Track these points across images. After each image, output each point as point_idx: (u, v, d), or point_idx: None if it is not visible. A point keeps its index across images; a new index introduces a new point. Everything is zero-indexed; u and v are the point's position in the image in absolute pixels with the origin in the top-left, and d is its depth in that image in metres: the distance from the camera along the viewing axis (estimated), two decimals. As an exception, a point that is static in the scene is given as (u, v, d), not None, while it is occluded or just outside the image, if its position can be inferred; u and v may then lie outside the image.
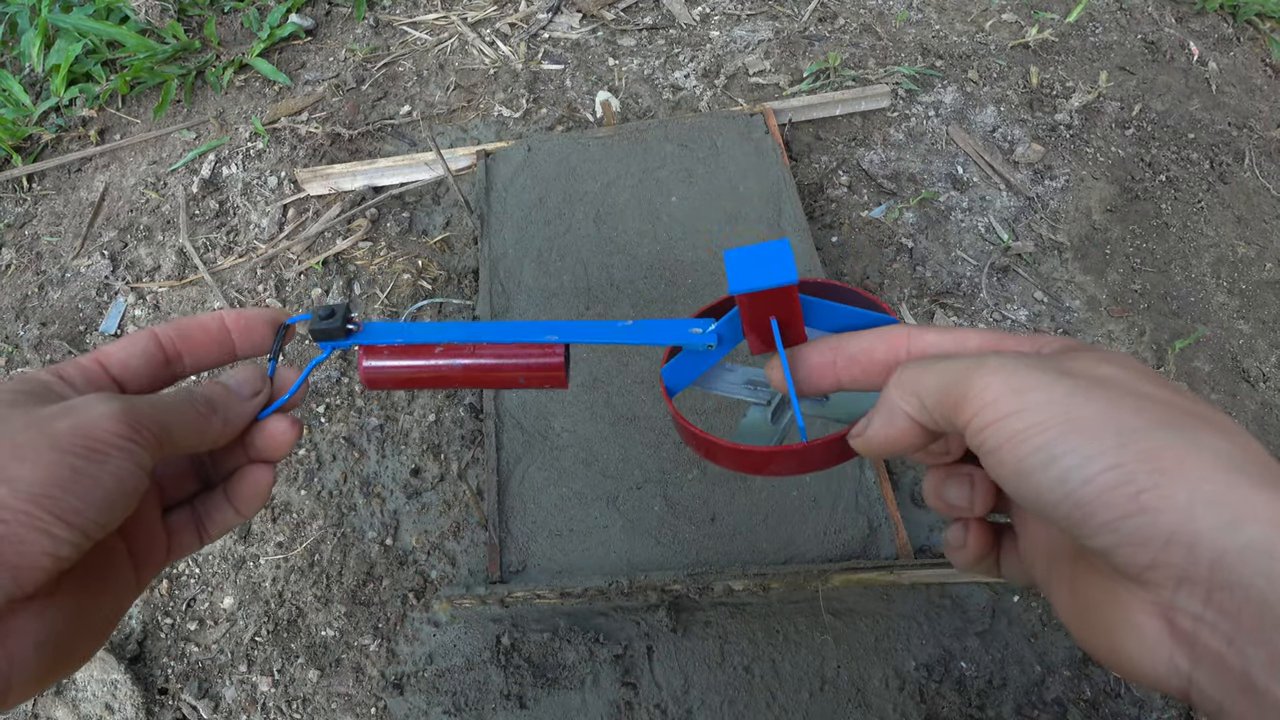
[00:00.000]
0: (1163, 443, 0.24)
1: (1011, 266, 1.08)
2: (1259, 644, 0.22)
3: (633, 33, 1.35)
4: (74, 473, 0.28)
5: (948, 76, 1.27)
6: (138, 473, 0.30)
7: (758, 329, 0.37)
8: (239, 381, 0.37)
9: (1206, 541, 0.23)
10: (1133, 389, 0.26)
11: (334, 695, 0.81)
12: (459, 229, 1.12)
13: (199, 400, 0.34)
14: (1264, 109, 1.26)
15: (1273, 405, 0.98)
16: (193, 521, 0.38)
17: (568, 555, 0.81)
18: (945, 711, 0.77)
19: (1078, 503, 0.25)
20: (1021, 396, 0.26)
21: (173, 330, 0.37)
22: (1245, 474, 0.24)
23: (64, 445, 0.28)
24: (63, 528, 0.27)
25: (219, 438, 0.35)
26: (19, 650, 0.28)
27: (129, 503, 0.29)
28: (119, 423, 0.29)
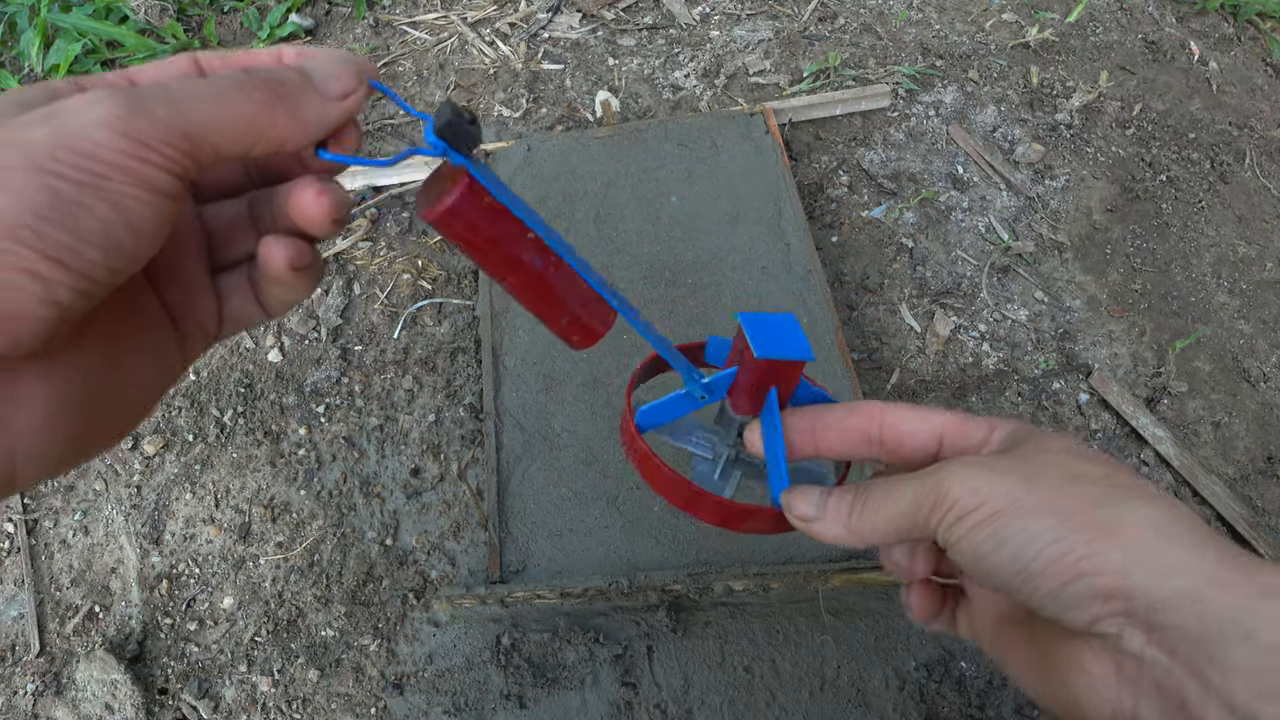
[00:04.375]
0: (1098, 517, 0.28)
1: (1012, 266, 1.08)
2: (1193, 675, 0.26)
3: (633, 32, 1.35)
4: (54, 198, 0.21)
5: (948, 76, 1.26)
6: (156, 201, 0.22)
7: (755, 393, 0.38)
8: (325, 70, 0.26)
9: (1141, 594, 0.27)
10: (1071, 472, 0.30)
11: (334, 695, 0.81)
12: (459, 229, 1.12)
13: (256, 84, 0.24)
14: (1265, 109, 1.26)
15: (1273, 405, 0.98)
16: (248, 285, 0.30)
17: (568, 555, 0.81)
18: (945, 711, 0.77)
19: (1028, 575, 0.29)
20: (979, 493, 0.30)
21: (216, 59, 0.28)
22: (1171, 536, 0.28)
23: (40, 161, 0.21)
24: (52, 267, 0.21)
25: (283, 141, 0.25)
26: (28, 421, 0.23)
27: (146, 240, 0.23)
28: (115, 131, 0.21)
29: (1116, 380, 0.98)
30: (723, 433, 0.44)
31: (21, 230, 0.20)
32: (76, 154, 0.21)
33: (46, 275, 0.21)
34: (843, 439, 0.37)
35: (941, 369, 0.99)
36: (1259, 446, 0.95)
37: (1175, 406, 0.98)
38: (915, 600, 0.39)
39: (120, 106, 0.22)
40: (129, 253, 0.22)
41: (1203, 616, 0.26)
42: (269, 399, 0.98)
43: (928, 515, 0.31)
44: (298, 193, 0.27)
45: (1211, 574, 0.27)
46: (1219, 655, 0.25)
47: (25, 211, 0.21)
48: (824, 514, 0.35)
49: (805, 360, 0.37)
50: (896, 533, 0.33)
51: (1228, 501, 0.90)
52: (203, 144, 0.23)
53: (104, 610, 0.87)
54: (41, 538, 0.92)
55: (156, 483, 0.94)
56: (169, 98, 0.22)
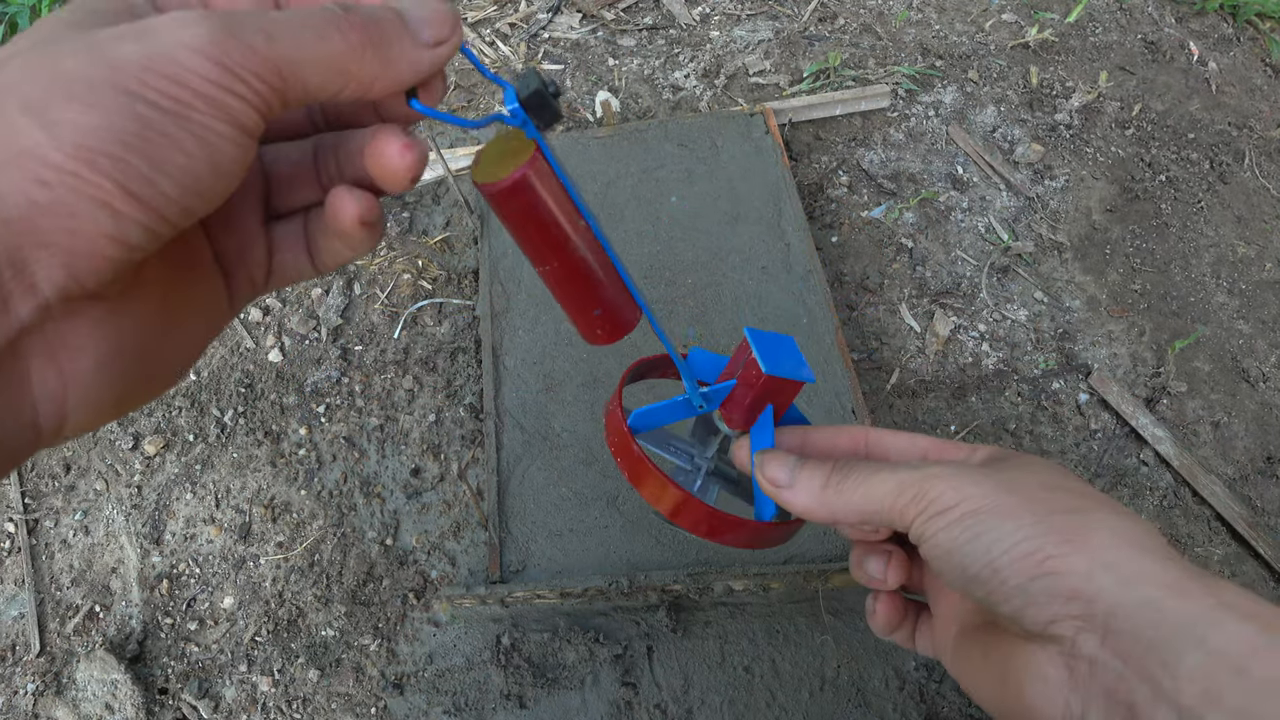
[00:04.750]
0: (1070, 522, 0.29)
1: (1011, 266, 1.08)
2: (1144, 680, 0.26)
3: (633, 33, 1.35)
4: (142, 125, 0.19)
5: (948, 76, 1.27)
6: (239, 138, 0.21)
7: (751, 409, 0.39)
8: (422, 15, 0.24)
9: (1103, 598, 0.28)
10: (1048, 484, 0.32)
11: (334, 695, 0.81)
12: (459, 229, 1.12)
13: (351, 22, 0.22)
14: (1264, 109, 1.26)
15: (1273, 405, 0.98)
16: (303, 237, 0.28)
17: (568, 555, 0.81)
18: (945, 711, 0.77)
19: (996, 569, 0.29)
20: (960, 491, 0.31)
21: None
22: (1137, 546, 0.28)
23: (129, 83, 0.19)
24: (128, 202, 0.19)
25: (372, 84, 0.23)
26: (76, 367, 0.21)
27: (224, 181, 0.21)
28: (209, 57, 0.19)
29: (1116, 380, 0.98)
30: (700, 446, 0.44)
31: (102, 158, 0.18)
32: (167, 79, 0.19)
33: (121, 210, 0.19)
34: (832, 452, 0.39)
35: (941, 369, 0.99)
36: (1258, 446, 0.95)
37: (1175, 406, 0.98)
38: (881, 610, 0.39)
39: (216, 31, 0.20)
40: (206, 192, 0.21)
41: (1159, 624, 0.26)
42: (269, 399, 0.98)
43: (906, 505, 0.32)
44: (381, 143, 0.25)
45: (1173, 583, 0.27)
46: (1172, 661, 0.26)
47: (110, 136, 0.19)
48: (796, 481, 0.36)
49: (807, 382, 0.38)
50: (870, 515, 0.34)
51: (1227, 501, 0.90)
52: (293, 80, 0.21)
53: (104, 610, 0.87)
54: (42, 537, 0.92)
55: (157, 483, 0.94)
56: (264, 27, 0.21)
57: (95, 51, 0.19)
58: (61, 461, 0.96)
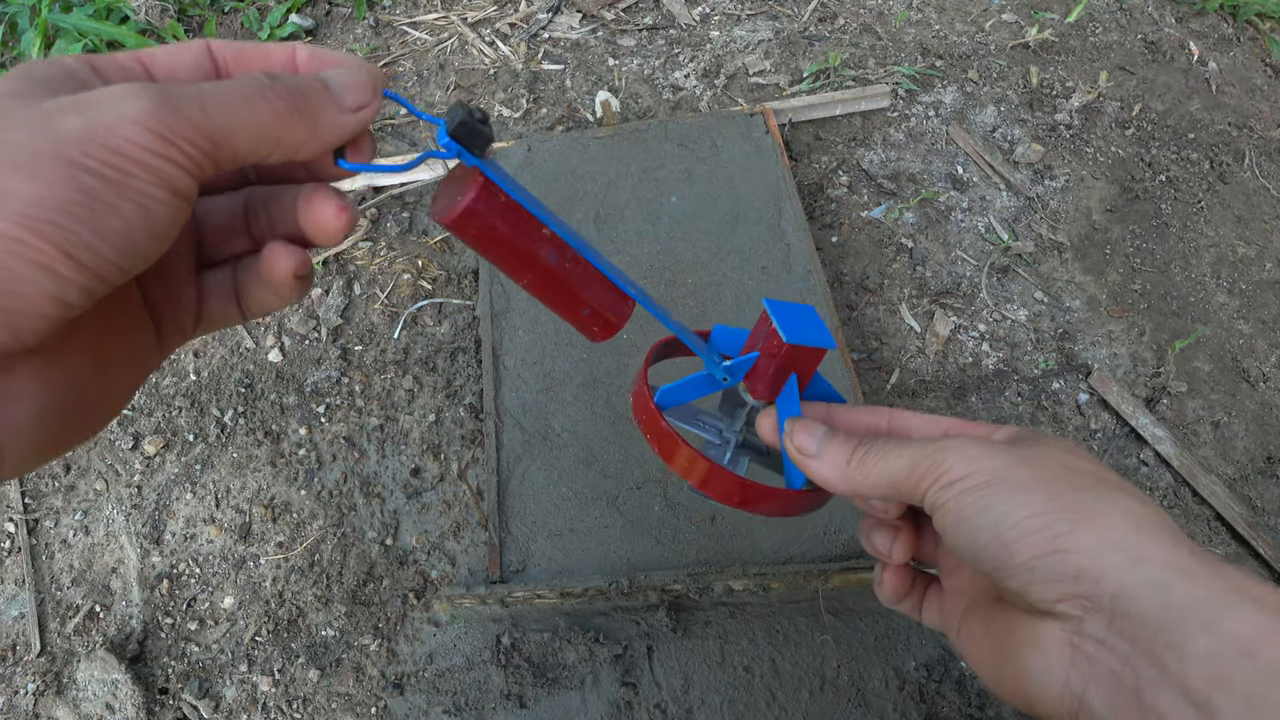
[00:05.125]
0: (1081, 500, 0.29)
1: (1011, 266, 1.08)
2: (1151, 662, 0.26)
3: (633, 33, 1.35)
4: (83, 194, 0.20)
5: (948, 76, 1.27)
6: (173, 202, 0.22)
7: (775, 379, 0.39)
8: (343, 82, 0.26)
9: (1110, 578, 0.27)
10: (1064, 463, 0.31)
11: (334, 695, 0.81)
12: (459, 229, 1.12)
13: (277, 91, 0.24)
14: (1264, 109, 1.26)
15: (1273, 405, 0.98)
16: (231, 286, 0.30)
17: (568, 555, 0.81)
18: (945, 711, 0.77)
19: (1005, 543, 0.29)
20: (974, 463, 0.31)
21: (229, 49, 0.27)
22: (1146, 528, 0.28)
23: (72, 154, 0.20)
24: (69, 266, 0.20)
25: (299, 148, 0.25)
26: (16, 417, 0.23)
27: (158, 242, 0.22)
28: (148, 128, 0.21)
29: (1116, 380, 0.98)
30: (728, 419, 0.44)
31: (45, 225, 0.20)
32: (108, 149, 0.21)
33: (61, 272, 0.20)
34: (854, 425, 0.39)
35: (941, 369, 0.99)
36: (1258, 446, 0.95)
37: (1175, 406, 0.98)
38: (888, 580, 0.40)
39: (154, 103, 0.21)
40: (142, 253, 0.22)
41: (1167, 605, 0.26)
42: (269, 399, 0.98)
43: (920, 478, 0.32)
44: (317, 205, 0.27)
45: (1180, 565, 0.27)
46: (1179, 643, 0.26)
47: (54, 205, 0.20)
48: (823, 453, 0.36)
49: (827, 348, 0.38)
50: (888, 489, 0.34)
51: (1227, 501, 0.90)
52: (225, 147, 0.23)
53: (104, 610, 0.87)
54: (42, 537, 0.92)
55: (157, 483, 0.94)
56: (199, 98, 0.22)
57: (40, 124, 0.21)
58: (61, 461, 0.96)
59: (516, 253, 0.31)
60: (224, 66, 0.27)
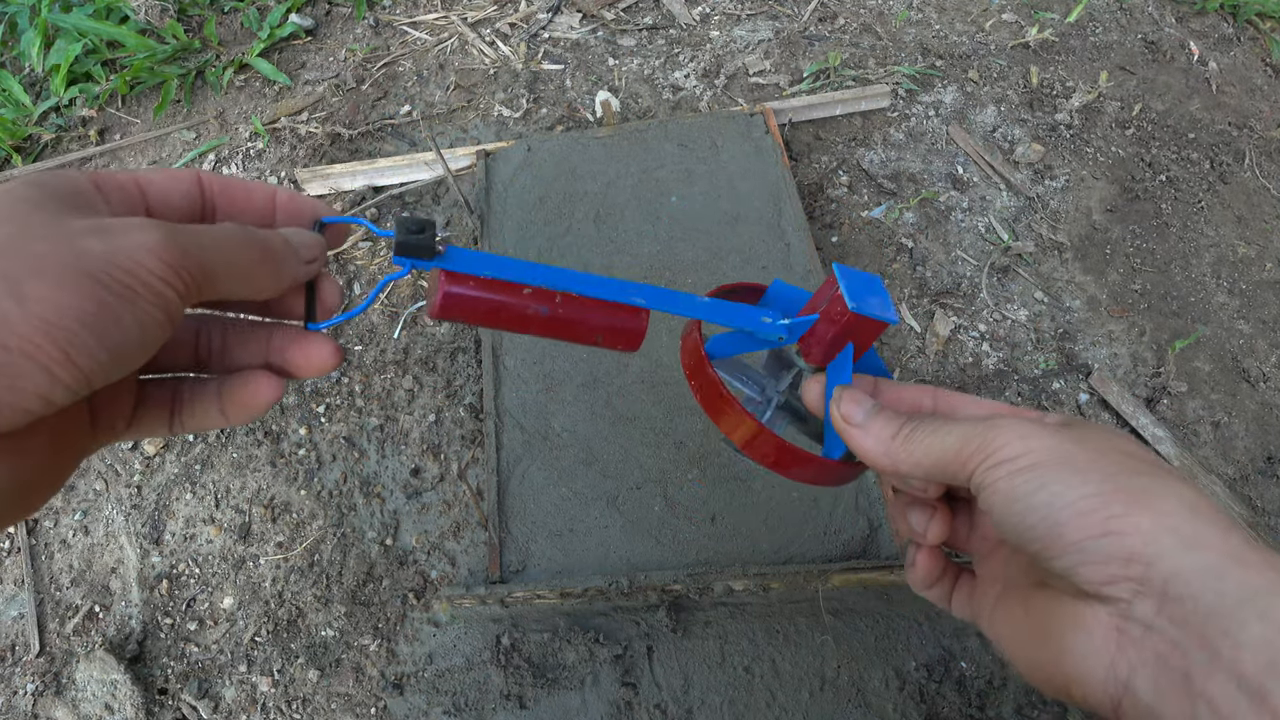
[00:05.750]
0: (1137, 484, 0.29)
1: (1011, 266, 1.08)
2: (1203, 647, 0.26)
3: (633, 33, 1.35)
4: (100, 308, 0.23)
5: (948, 76, 1.27)
6: (164, 322, 0.25)
7: (831, 346, 0.38)
8: (300, 240, 0.32)
9: (1166, 561, 0.27)
10: (1118, 448, 0.31)
11: (334, 695, 0.81)
12: (459, 229, 1.12)
13: (254, 242, 0.29)
14: (1264, 109, 1.26)
15: (1273, 405, 0.98)
16: (169, 401, 0.32)
17: (568, 555, 0.81)
18: (945, 711, 0.77)
19: (1056, 522, 0.29)
20: (1027, 442, 0.31)
21: (217, 183, 0.32)
22: (1202, 515, 0.28)
23: (94, 271, 0.23)
24: (67, 369, 0.23)
25: (261, 290, 0.30)
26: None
27: (143, 354, 0.25)
28: (160, 258, 0.24)
29: (1116, 380, 0.98)
30: (772, 378, 0.43)
31: (59, 331, 0.22)
32: (125, 271, 0.24)
33: (58, 374, 0.22)
34: (899, 401, 0.39)
35: (941, 369, 0.99)
36: (1259, 446, 0.95)
37: (1175, 406, 0.98)
38: (920, 563, 0.39)
39: (165, 235, 0.25)
40: (129, 363, 0.25)
41: (1220, 591, 0.26)
42: (269, 399, 0.98)
43: (969, 456, 0.32)
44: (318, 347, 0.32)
45: (1236, 552, 0.27)
46: (1234, 629, 0.26)
47: (72, 313, 0.22)
48: (869, 424, 0.36)
49: (891, 323, 0.37)
50: (932, 469, 0.34)
51: (1227, 501, 0.90)
52: (211, 281, 0.27)
53: (104, 610, 0.87)
54: (41, 538, 0.92)
55: (156, 483, 0.94)
56: (198, 239, 0.26)
57: (65, 241, 0.24)
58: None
59: (507, 318, 0.34)
60: (210, 197, 0.32)
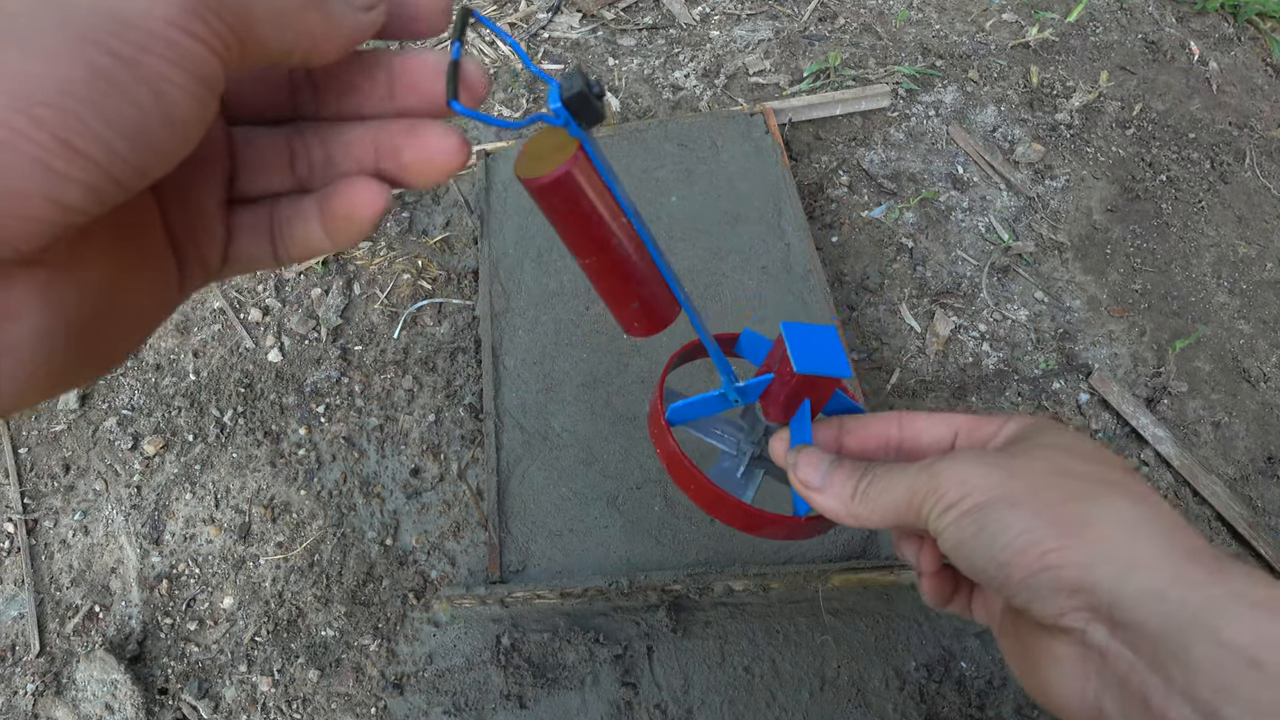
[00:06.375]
0: (1072, 511, 0.29)
1: (1012, 266, 1.08)
2: (1155, 670, 0.26)
3: (633, 33, 1.35)
4: (93, 74, 0.17)
5: (948, 76, 1.26)
6: (197, 90, 0.19)
7: (788, 403, 0.39)
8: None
9: (1105, 589, 0.27)
10: (1059, 467, 0.31)
11: (334, 695, 0.81)
12: (459, 229, 1.12)
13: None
14: (1265, 109, 1.26)
15: (1273, 405, 0.98)
16: (267, 225, 0.26)
17: (568, 555, 0.81)
18: (945, 711, 0.77)
19: (1001, 564, 0.29)
20: (966, 484, 0.31)
21: None
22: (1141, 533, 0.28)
23: (81, 27, 0.17)
24: (70, 160, 0.17)
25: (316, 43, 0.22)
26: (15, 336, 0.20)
27: (178, 137, 0.19)
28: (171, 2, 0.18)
29: (1116, 380, 0.98)
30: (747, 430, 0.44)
31: (42, 108, 0.16)
32: (122, 21, 0.17)
33: (61, 168, 0.17)
34: (864, 443, 0.39)
35: (941, 369, 0.99)
36: (1259, 446, 0.95)
37: (1175, 406, 0.98)
38: (926, 586, 0.39)
39: None
40: (161, 150, 0.19)
41: (1164, 614, 0.26)
42: (269, 399, 0.98)
43: (919, 505, 0.32)
44: (434, 137, 0.25)
45: (1176, 572, 0.27)
46: (1182, 653, 0.25)
47: (54, 85, 0.16)
48: (827, 486, 0.36)
49: (842, 377, 0.38)
50: (893, 521, 0.34)
51: (1228, 501, 0.90)
52: (250, 31, 0.20)
53: (104, 610, 0.87)
54: (41, 538, 0.92)
55: (156, 483, 0.94)
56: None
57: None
58: (61, 461, 0.96)
59: (591, 232, 0.31)
60: None
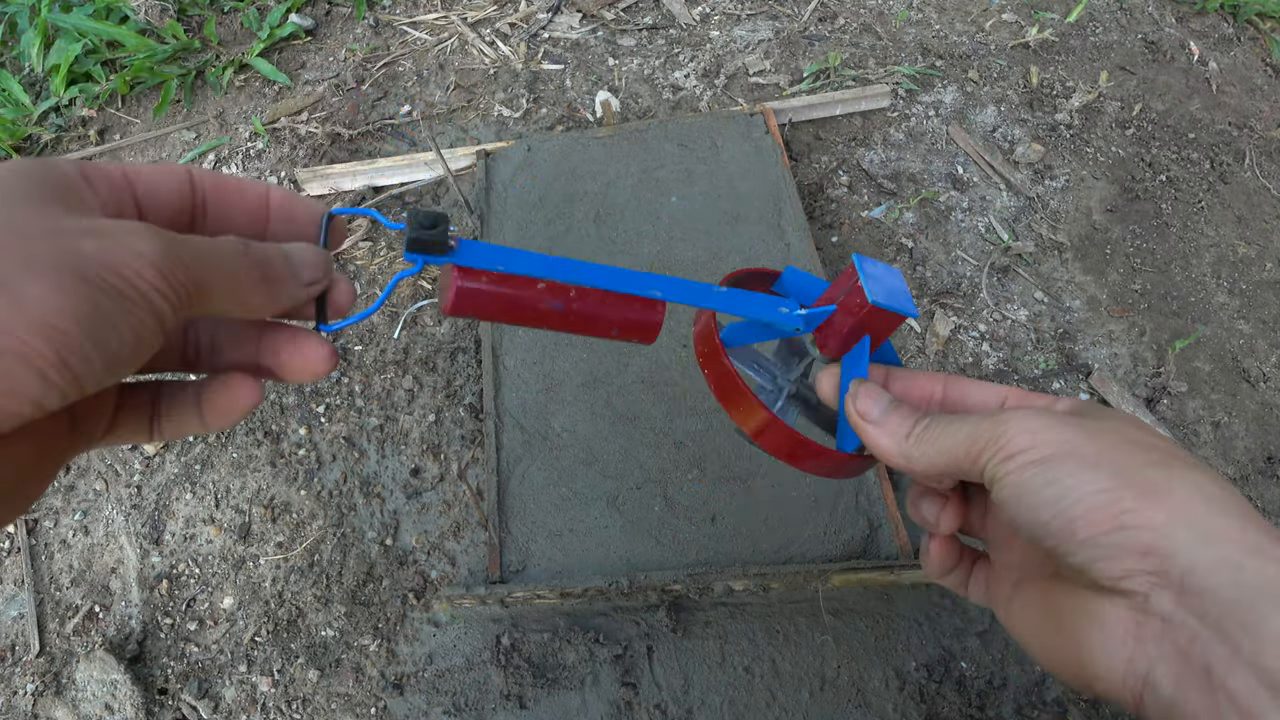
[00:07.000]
0: (1150, 476, 0.29)
1: (1011, 266, 1.08)
2: (1223, 641, 0.26)
3: (633, 33, 1.35)
4: (95, 311, 0.22)
5: (948, 76, 1.27)
6: (157, 331, 0.24)
7: (848, 338, 0.38)
8: (302, 259, 0.29)
9: (1182, 554, 0.27)
10: (1131, 437, 0.30)
11: (334, 695, 0.81)
12: (459, 229, 1.12)
13: (252, 259, 0.27)
14: (1264, 109, 1.26)
15: (1273, 405, 0.98)
16: (149, 406, 0.31)
17: (568, 555, 0.81)
18: (945, 711, 0.77)
19: (1069, 519, 0.29)
20: (1035, 435, 0.30)
21: (209, 180, 0.30)
22: (1219, 506, 0.28)
23: (89, 274, 0.22)
24: (61, 373, 0.21)
25: (256, 310, 0.28)
26: None
27: (135, 362, 0.24)
28: (156, 268, 0.23)
29: (1116, 380, 0.98)
30: (784, 366, 0.43)
31: (55, 332, 0.21)
32: (120, 277, 0.23)
33: (52, 378, 0.21)
34: (908, 393, 0.39)
35: (941, 369, 0.99)
36: (1259, 446, 0.95)
37: (1175, 406, 0.98)
38: (934, 552, 0.39)
39: (163, 245, 0.24)
40: (120, 370, 0.24)
41: (1240, 584, 0.26)
42: (269, 399, 0.98)
43: (980, 451, 0.32)
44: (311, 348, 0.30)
45: (1254, 544, 0.26)
46: (1254, 622, 0.25)
47: (69, 315, 0.21)
48: (885, 421, 0.35)
49: (911, 316, 0.37)
50: (945, 466, 0.33)
51: (1228, 501, 0.89)
52: (204, 295, 0.25)
53: (104, 610, 0.87)
54: (41, 538, 0.92)
55: (156, 483, 0.94)
56: (194, 251, 0.25)
57: (60, 240, 0.22)
58: (61, 461, 0.96)
59: (521, 313, 0.33)
60: (201, 195, 0.30)
